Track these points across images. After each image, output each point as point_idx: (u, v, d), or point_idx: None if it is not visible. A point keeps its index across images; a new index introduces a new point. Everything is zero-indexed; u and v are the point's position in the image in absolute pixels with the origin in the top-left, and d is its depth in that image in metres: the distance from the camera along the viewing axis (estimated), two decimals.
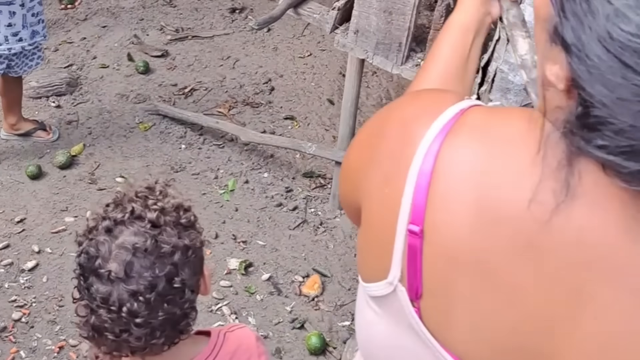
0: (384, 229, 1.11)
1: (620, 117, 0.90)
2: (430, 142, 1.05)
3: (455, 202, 1.03)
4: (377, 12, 3.27)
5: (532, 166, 0.99)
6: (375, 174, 1.13)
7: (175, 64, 4.78)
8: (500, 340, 1.05)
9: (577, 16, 0.92)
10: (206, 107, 4.49)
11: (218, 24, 5.12)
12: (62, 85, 4.50)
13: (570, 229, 0.98)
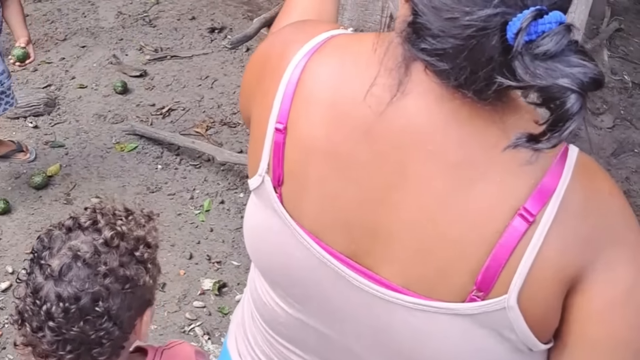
0: (260, 130, 1.34)
1: (435, 23, 1.10)
2: (300, 58, 1.29)
3: (313, 103, 1.26)
4: None
5: (375, 70, 1.21)
6: (259, 88, 1.37)
7: (153, 83, 4.87)
8: (344, 215, 1.26)
9: None
10: (183, 127, 4.58)
11: (197, 44, 5.22)
12: (40, 105, 4.59)
13: (399, 118, 1.19)
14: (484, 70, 1.08)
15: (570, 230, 1.14)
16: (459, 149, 1.16)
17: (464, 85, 1.12)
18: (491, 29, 1.06)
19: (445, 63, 1.11)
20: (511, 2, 1.06)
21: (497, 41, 1.06)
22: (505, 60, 1.06)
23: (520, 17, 1.04)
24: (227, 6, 5.56)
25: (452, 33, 1.08)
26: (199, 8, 5.52)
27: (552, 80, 1.02)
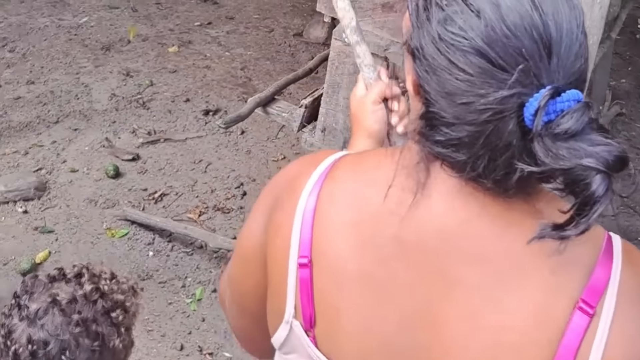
0: (278, 272, 1.27)
1: (449, 110, 1.09)
2: (312, 185, 1.26)
3: (336, 227, 1.22)
4: (344, 110, 3.38)
5: (391, 173, 1.18)
6: (269, 232, 1.31)
7: (146, 167, 4.88)
8: (388, 341, 1.19)
9: (420, 24, 1.14)
10: (176, 213, 4.57)
11: (191, 126, 5.25)
12: (30, 189, 4.59)
13: (428, 223, 1.16)
14: (502, 157, 1.07)
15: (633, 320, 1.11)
16: (498, 247, 1.13)
17: (483, 175, 1.10)
18: (508, 111, 1.05)
19: (462, 153, 1.10)
20: (526, 81, 1.05)
21: (515, 124, 1.05)
22: (525, 144, 1.04)
23: (537, 97, 1.03)
24: (222, 88, 5.61)
25: (467, 119, 1.07)
26: (194, 90, 5.57)
27: (576, 161, 1.00)
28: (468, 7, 1.08)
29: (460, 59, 1.07)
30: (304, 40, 6.23)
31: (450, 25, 1.09)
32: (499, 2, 1.07)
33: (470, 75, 1.07)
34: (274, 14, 6.56)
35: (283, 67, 5.86)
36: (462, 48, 1.07)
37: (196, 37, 6.18)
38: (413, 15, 1.16)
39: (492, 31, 1.06)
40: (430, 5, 1.12)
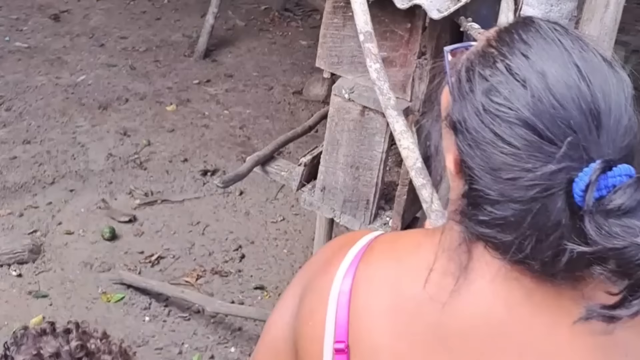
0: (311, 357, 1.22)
1: (494, 186, 1.05)
2: (347, 266, 1.22)
3: (373, 314, 1.17)
4: (344, 168, 3.37)
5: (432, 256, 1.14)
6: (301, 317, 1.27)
7: (143, 229, 4.85)
8: None
9: (462, 95, 1.10)
10: (173, 276, 4.54)
11: (189, 187, 5.23)
12: (25, 252, 4.56)
13: (470, 311, 1.11)
14: (551, 237, 1.03)
15: None
16: (545, 338, 1.09)
17: (530, 256, 1.06)
18: (556, 187, 1.02)
19: (508, 234, 1.06)
20: (575, 155, 1.02)
21: (563, 202, 1.01)
22: (574, 222, 1.01)
23: (587, 172, 1.00)
24: (220, 147, 5.61)
25: (514, 196, 1.04)
26: (192, 149, 5.56)
27: (631, 239, 0.96)
28: (513, 76, 1.06)
29: (506, 131, 1.04)
30: (303, 98, 6.25)
31: (495, 96, 1.07)
32: (545, 72, 1.05)
33: (516, 148, 1.04)
34: (274, 71, 6.59)
35: (282, 125, 5.87)
36: (508, 119, 1.05)
37: (194, 95, 6.20)
38: (454, 87, 1.13)
39: (538, 102, 1.04)
40: (473, 76, 1.10)
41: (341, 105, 3.32)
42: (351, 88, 3.29)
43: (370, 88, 3.26)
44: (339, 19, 3.25)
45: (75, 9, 7.27)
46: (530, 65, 1.06)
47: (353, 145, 3.35)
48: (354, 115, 3.31)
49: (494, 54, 1.10)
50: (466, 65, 1.13)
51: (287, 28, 7.34)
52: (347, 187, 3.41)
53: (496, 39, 1.13)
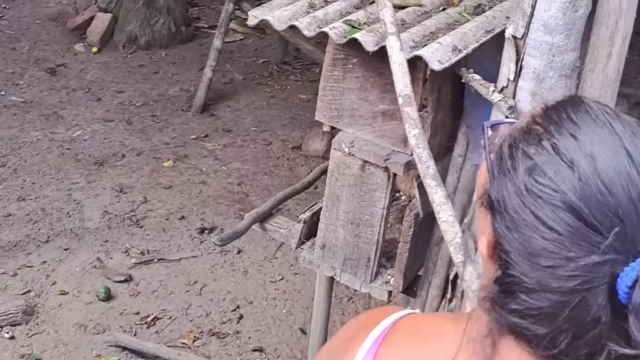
0: None
1: (531, 274, 1.00)
2: (367, 349, 1.19)
3: None
4: (345, 224, 3.35)
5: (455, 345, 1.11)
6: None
7: (138, 289, 4.82)
8: None
9: (503, 173, 1.06)
10: (169, 338, 4.50)
11: (186, 246, 5.21)
12: (18, 314, 4.52)
13: None
14: (589, 335, 0.97)
15: None
16: None
17: (565, 353, 1.00)
18: (598, 281, 0.96)
19: (542, 326, 1.00)
20: (622, 247, 0.97)
21: (605, 297, 0.96)
22: (616, 320, 0.95)
23: (634, 267, 0.95)
24: (218, 205, 5.59)
25: (551, 286, 0.98)
26: (189, 207, 5.55)
27: None
28: (560, 157, 1.02)
29: (549, 215, 1.00)
30: (302, 153, 6.25)
31: (539, 176, 1.02)
32: (595, 155, 1.01)
33: (558, 234, 0.99)
34: (272, 126, 6.60)
35: (281, 181, 5.86)
36: (552, 202, 1.00)
37: (192, 151, 6.20)
38: (494, 163, 1.09)
39: (585, 186, 0.99)
40: (515, 153, 1.06)
41: (341, 159, 3.32)
42: (351, 142, 3.29)
43: (370, 142, 3.26)
44: (338, 72, 3.26)
45: (72, 62, 7.30)
46: (579, 147, 1.02)
47: (353, 201, 3.35)
48: (354, 170, 3.30)
49: (539, 131, 1.06)
50: (509, 141, 1.09)
51: (285, 82, 7.37)
52: (347, 245, 3.39)
53: (542, 116, 1.09)
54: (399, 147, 3.21)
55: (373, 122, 3.25)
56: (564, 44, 2.52)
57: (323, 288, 3.76)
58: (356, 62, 3.22)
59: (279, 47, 7.67)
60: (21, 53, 7.34)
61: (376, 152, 3.23)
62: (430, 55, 2.85)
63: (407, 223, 3.31)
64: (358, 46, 3.01)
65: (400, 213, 3.74)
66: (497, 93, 2.67)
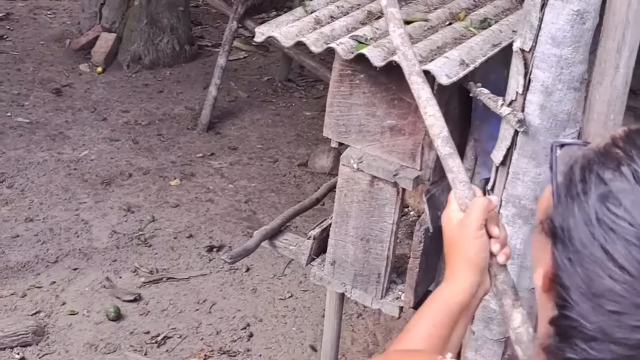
0: None
1: (592, 318, 0.88)
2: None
3: None
4: (354, 240, 3.37)
5: None
6: None
7: (148, 308, 4.85)
8: None
9: (571, 197, 0.95)
10: (180, 357, 4.52)
11: (195, 264, 5.24)
12: (28, 334, 4.55)
13: None
14: None
15: None
16: None
17: None
18: None
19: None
20: None
21: None
22: None
23: None
24: (226, 223, 5.62)
25: (616, 336, 0.86)
26: (197, 225, 5.58)
27: None
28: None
29: (620, 251, 0.88)
30: (309, 170, 6.29)
31: (613, 205, 0.91)
32: None
33: (629, 274, 0.87)
34: (278, 143, 6.64)
35: (288, 199, 5.90)
36: (625, 236, 0.88)
37: (198, 169, 6.24)
38: (562, 186, 0.98)
39: None
40: (589, 176, 0.95)
41: (350, 175, 3.35)
42: (360, 158, 3.32)
43: (379, 157, 3.29)
44: (345, 87, 3.29)
45: (77, 82, 7.35)
46: None
47: (363, 217, 3.37)
48: (363, 185, 3.33)
49: (619, 155, 0.95)
50: (582, 163, 0.98)
51: (290, 99, 7.42)
52: (357, 261, 3.41)
53: (624, 140, 0.97)
54: (407, 162, 3.24)
55: (381, 137, 3.28)
56: (572, 56, 2.56)
57: (333, 305, 3.78)
58: (363, 78, 3.25)
59: (282, 64, 7.73)
60: (26, 74, 7.40)
61: (385, 168, 3.26)
62: (437, 70, 2.88)
63: (417, 238, 3.33)
64: (365, 62, 3.04)
65: (409, 228, 3.76)
66: (506, 106, 2.70)
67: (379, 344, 4.62)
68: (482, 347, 2.92)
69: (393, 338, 4.65)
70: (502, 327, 2.86)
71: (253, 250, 3.83)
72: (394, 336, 4.65)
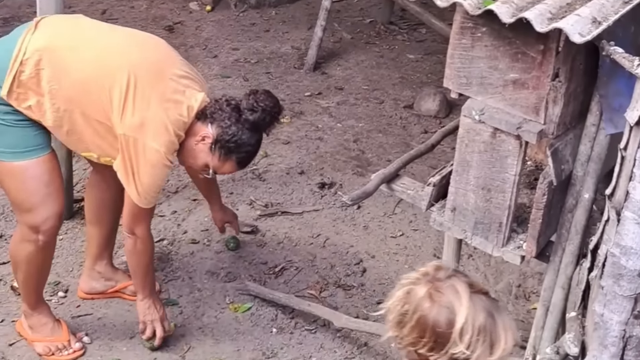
0: None
1: None
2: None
3: None
4: (475, 189, 3.31)
5: None
6: None
7: (264, 240, 4.87)
8: None
9: None
10: (297, 288, 4.54)
11: (307, 200, 5.24)
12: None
13: None
14: None
15: None
16: None
17: None
18: None
19: None
20: None
21: None
22: None
23: None
24: (335, 161, 5.60)
25: None
26: (308, 162, 5.57)
27: None
28: None
29: None
30: (414, 112, 6.21)
31: None
32: None
33: None
34: (383, 85, 6.57)
35: (395, 140, 5.84)
36: None
37: (307, 108, 6.21)
38: None
39: None
40: None
41: (471, 126, 3.26)
42: (481, 109, 3.23)
43: (501, 110, 3.21)
44: (467, 40, 3.19)
45: (187, 20, 7.35)
46: None
47: (484, 167, 3.30)
48: (484, 137, 3.25)
49: None
50: None
51: (393, 41, 7.31)
52: (478, 209, 3.35)
53: None
54: (530, 115, 3.14)
55: (503, 90, 3.18)
56: None
57: (451, 248, 3.75)
58: (485, 31, 3.14)
59: (385, 7, 7.60)
60: (140, 11, 7.42)
61: (507, 120, 3.16)
62: (570, 28, 2.76)
63: (540, 190, 3.25)
64: (487, 15, 2.94)
65: (526, 178, 3.69)
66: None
67: (490, 285, 4.58)
68: (610, 302, 2.85)
69: (504, 280, 4.61)
70: (633, 284, 2.79)
71: (372, 193, 3.80)
72: (505, 278, 4.62)
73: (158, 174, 3.55)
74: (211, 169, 3.66)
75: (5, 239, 4.68)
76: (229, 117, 3.54)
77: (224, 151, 3.57)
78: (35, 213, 3.67)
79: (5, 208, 4.89)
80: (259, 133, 3.66)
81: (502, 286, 4.56)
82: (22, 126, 3.58)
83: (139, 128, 3.44)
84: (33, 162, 3.62)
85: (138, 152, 3.46)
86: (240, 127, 3.55)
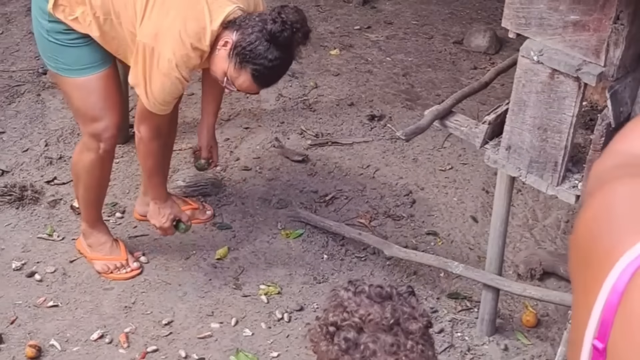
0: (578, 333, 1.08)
1: None
2: (629, 261, 1.01)
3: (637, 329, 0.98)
4: (531, 129, 3.29)
5: None
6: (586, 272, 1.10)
7: (315, 170, 4.89)
8: None
9: None
10: (347, 217, 4.57)
11: (357, 131, 5.23)
12: (207, 185, 4.66)
13: None
14: None
15: None
16: None
17: None
18: None
19: None
20: None
21: None
22: None
23: None
24: (385, 93, 5.57)
25: None
26: (357, 94, 5.55)
27: None
28: None
29: None
30: (464, 48, 6.14)
31: None
32: None
33: None
34: (432, 20, 6.49)
35: (445, 75, 5.80)
36: None
37: (356, 41, 6.16)
38: None
39: None
40: None
41: (529, 67, 3.23)
42: (540, 50, 3.18)
43: (560, 51, 3.16)
44: None
45: None
46: None
47: (541, 108, 3.27)
48: (542, 77, 3.21)
49: None
50: None
51: None
52: (533, 148, 3.33)
53: None
54: (590, 57, 3.09)
55: (563, 32, 3.13)
56: None
57: (504, 185, 3.73)
58: None
59: None
60: None
61: (567, 62, 3.12)
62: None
63: (598, 132, 3.22)
64: None
65: (582, 118, 3.66)
66: None
67: (538, 219, 4.58)
68: None
69: (552, 215, 4.61)
70: None
71: (426, 128, 3.79)
72: (553, 213, 4.61)
73: (168, 85, 3.51)
74: (227, 78, 3.53)
75: (65, 160, 4.74)
76: (253, 26, 3.41)
77: (239, 59, 3.43)
78: (96, 123, 3.77)
79: (64, 131, 4.95)
80: (279, 49, 3.45)
81: (551, 221, 4.55)
82: (76, 45, 3.66)
83: (154, 37, 3.44)
84: (92, 77, 3.73)
85: (152, 60, 3.45)
86: (260, 36, 3.39)
